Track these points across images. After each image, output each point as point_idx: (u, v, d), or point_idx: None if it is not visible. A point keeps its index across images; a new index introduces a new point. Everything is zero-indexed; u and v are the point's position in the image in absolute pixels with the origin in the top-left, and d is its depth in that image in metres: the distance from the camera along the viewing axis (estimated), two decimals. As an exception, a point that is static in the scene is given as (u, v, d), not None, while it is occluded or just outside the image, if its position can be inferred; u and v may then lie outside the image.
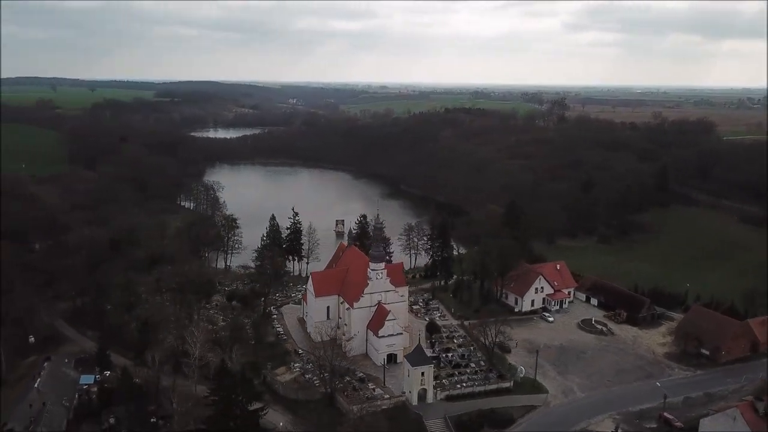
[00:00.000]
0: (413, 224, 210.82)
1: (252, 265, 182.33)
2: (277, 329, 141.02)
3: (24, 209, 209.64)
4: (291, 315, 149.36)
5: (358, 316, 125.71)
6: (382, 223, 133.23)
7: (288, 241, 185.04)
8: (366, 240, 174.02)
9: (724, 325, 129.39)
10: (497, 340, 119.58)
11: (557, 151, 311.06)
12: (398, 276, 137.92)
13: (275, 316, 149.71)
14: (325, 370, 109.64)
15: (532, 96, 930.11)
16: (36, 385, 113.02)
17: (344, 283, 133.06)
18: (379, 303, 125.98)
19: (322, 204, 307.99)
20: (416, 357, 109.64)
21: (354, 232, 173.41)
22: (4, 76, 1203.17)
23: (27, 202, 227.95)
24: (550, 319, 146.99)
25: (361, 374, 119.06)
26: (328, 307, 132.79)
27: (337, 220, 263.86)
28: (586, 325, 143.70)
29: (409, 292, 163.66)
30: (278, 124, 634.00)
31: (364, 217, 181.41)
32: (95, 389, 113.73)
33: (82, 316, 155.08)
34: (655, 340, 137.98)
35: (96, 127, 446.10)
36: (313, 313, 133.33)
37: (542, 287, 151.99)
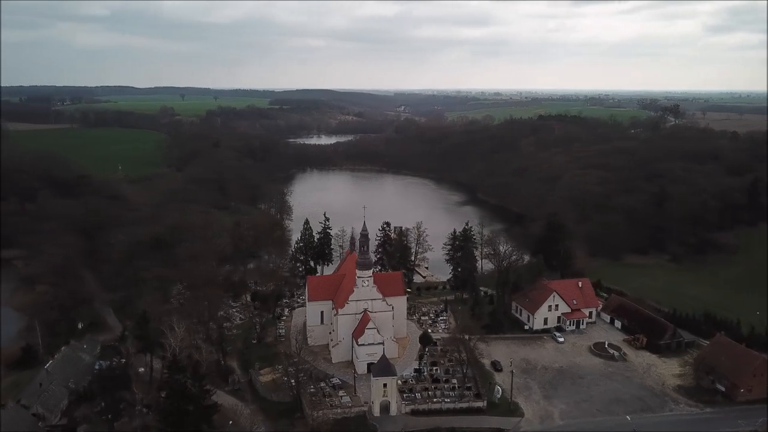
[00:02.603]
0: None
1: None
2: (280, 331, 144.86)
3: (104, 206, 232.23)
4: (300, 318, 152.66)
5: (343, 323, 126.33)
6: (367, 230, 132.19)
7: (318, 245, 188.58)
8: (388, 248, 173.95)
9: (744, 360, 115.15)
10: (469, 356, 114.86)
11: (638, 161, 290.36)
12: (397, 285, 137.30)
13: (285, 318, 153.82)
14: (291, 375, 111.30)
15: (649, 103, 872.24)
16: (46, 367, 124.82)
17: (339, 288, 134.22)
18: (365, 311, 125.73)
19: (391, 209, 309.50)
20: (379, 368, 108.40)
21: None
22: (146, 85, 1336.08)
23: (111, 201, 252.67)
24: (561, 339, 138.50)
25: (337, 381, 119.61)
26: (322, 312, 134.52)
27: (393, 226, 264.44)
28: (597, 349, 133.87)
29: (426, 303, 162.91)
30: (376, 131, 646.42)
31: (387, 224, 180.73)
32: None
33: (124, 306, 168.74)
34: (671, 370, 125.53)
35: (198, 132, 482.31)
36: (308, 317, 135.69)
37: (557, 305, 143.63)
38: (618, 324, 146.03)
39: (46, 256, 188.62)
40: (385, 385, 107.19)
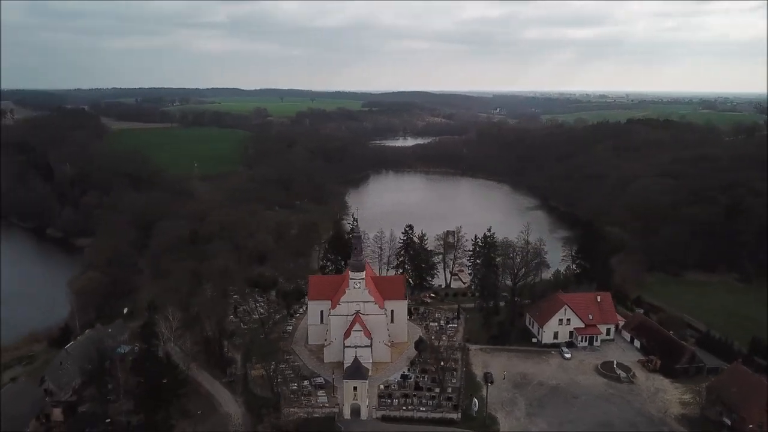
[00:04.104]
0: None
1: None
2: (288, 327, 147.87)
3: (164, 201, 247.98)
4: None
5: (335, 323, 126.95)
6: (359, 232, 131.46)
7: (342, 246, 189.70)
8: (410, 252, 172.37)
9: (757, 391, 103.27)
10: (446, 366, 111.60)
11: (718, 170, 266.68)
12: (398, 289, 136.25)
13: (298, 315, 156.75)
14: (270, 371, 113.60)
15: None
16: (66, 347, 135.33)
17: (339, 289, 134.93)
18: (356, 313, 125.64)
19: (448, 212, 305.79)
20: (351, 371, 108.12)
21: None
22: (252, 88, 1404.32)
23: (175, 196, 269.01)
24: (567, 355, 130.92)
25: (321, 380, 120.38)
26: (321, 312, 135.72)
27: (447, 231, 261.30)
28: (604, 368, 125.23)
29: (445, 309, 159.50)
30: (462, 134, 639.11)
31: (411, 227, 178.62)
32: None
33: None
34: (681, 397, 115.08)
35: (284, 132, 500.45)
36: (309, 316, 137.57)
37: (568, 319, 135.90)
38: (637, 343, 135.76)
39: (102, 245, 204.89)
40: (355, 389, 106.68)
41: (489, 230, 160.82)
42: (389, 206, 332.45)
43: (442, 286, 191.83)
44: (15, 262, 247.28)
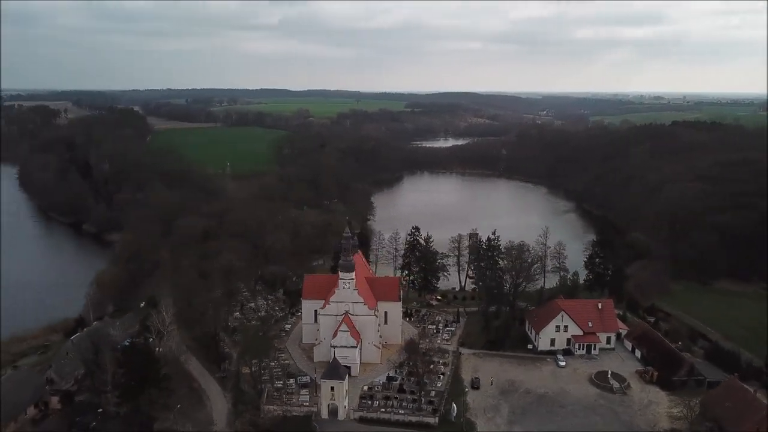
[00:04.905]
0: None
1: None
2: (286, 326, 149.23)
3: (188, 198, 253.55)
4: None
5: (324, 323, 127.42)
6: (350, 233, 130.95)
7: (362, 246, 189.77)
8: (416, 253, 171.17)
9: (750, 408, 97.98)
10: (424, 369, 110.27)
11: (759, 175, 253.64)
12: (392, 290, 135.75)
13: (299, 314, 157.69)
14: (252, 367, 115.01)
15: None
16: (71, 338, 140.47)
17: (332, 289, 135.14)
18: (346, 313, 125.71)
19: (481, 215, 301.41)
20: (329, 371, 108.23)
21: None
22: (299, 88, 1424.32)
23: (201, 193, 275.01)
24: (562, 363, 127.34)
25: (307, 379, 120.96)
26: (315, 311, 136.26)
27: (470, 233, 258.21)
28: (598, 378, 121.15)
29: (450, 312, 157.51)
30: (503, 135, 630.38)
31: (417, 229, 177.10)
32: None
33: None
34: (674, 410, 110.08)
35: (325, 133, 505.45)
36: (303, 315, 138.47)
37: (566, 326, 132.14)
38: (639, 353, 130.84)
39: (125, 240, 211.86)
40: (332, 388, 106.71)
41: (494, 233, 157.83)
42: (417, 207, 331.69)
43: (456, 289, 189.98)
44: (52, 256, 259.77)
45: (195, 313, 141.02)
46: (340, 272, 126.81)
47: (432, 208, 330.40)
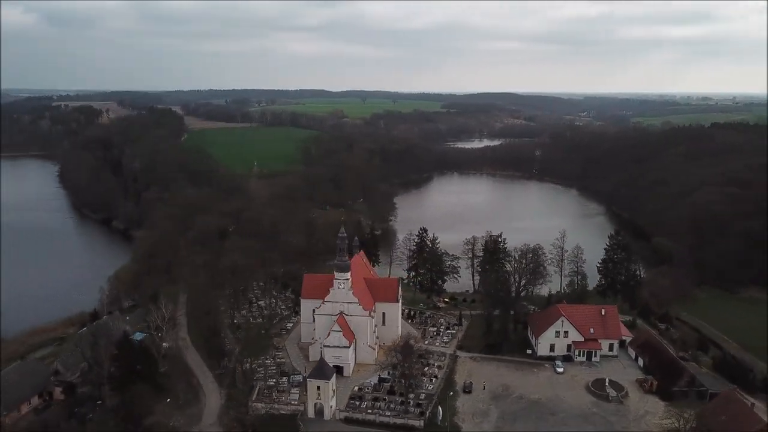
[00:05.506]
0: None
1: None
2: (288, 324, 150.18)
3: (208, 196, 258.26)
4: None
5: (320, 323, 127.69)
6: (344, 233, 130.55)
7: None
8: (423, 254, 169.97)
9: (746, 422, 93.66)
10: (413, 371, 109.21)
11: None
12: (390, 291, 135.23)
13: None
14: (243, 365, 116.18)
15: None
16: (80, 332, 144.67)
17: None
18: (340, 313, 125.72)
19: (504, 217, 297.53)
20: (315, 370, 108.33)
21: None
22: (338, 89, 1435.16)
23: (230, 192, 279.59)
24: (560, 369, 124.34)
25: (300, 378, 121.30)
26: (314, 310, 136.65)
27: (489, 236, 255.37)
28: (595, 386, 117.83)
29: (456, 315, 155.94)
30: (539, 136, 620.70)
31: (425, 230, 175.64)
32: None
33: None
34: (672, 421, 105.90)
35: (358, 133, 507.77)
36: (302, 314, 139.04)
37: (566, 332, 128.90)
38: (641, 362, 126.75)
39: (145, 237, 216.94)
40: (318, 388, 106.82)
41: (500, 236, 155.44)
42: (442, 208, 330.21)
43: (469, 292, 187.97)
44: (81, 251, 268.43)
45: (201, 310, 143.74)
46: (335, 272, 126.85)
47: (457, 209, 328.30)
